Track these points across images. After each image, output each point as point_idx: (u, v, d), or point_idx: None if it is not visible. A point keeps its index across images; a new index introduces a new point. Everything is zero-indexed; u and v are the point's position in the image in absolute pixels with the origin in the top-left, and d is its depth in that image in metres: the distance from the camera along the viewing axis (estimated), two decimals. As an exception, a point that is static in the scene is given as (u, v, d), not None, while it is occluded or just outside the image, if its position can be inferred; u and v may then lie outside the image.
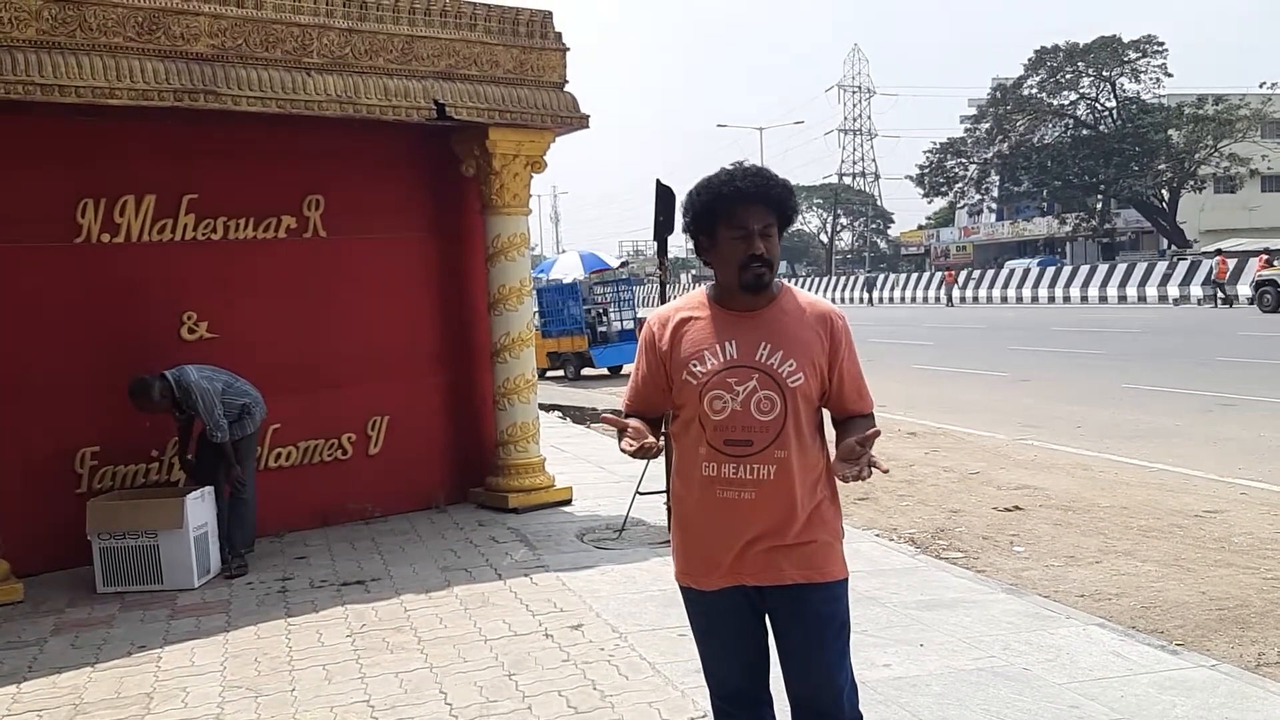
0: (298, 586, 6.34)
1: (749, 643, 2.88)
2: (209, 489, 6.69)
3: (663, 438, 6.80)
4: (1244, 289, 32.17)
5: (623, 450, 2.69)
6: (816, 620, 2.79)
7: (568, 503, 8.24)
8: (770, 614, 2.84)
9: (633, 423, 2.75)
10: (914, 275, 59.10)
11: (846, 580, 2.85)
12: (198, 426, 6.72)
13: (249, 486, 6.85)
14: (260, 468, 7.31)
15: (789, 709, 2.90)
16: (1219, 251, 34.81)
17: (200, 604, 6.09)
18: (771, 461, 2.70)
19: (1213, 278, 33.67)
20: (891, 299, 54.78)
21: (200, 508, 6.51)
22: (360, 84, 6.97)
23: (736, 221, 2.72)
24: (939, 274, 54.00)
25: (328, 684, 4.71)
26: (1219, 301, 32.84)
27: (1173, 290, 36.08)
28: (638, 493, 7.36)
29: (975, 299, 48.13)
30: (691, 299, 2.90)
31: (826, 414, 2.91)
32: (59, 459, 6.82)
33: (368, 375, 7.95)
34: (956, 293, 49.12)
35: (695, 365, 2.75)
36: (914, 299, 53.11)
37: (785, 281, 2.91)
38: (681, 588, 2.93)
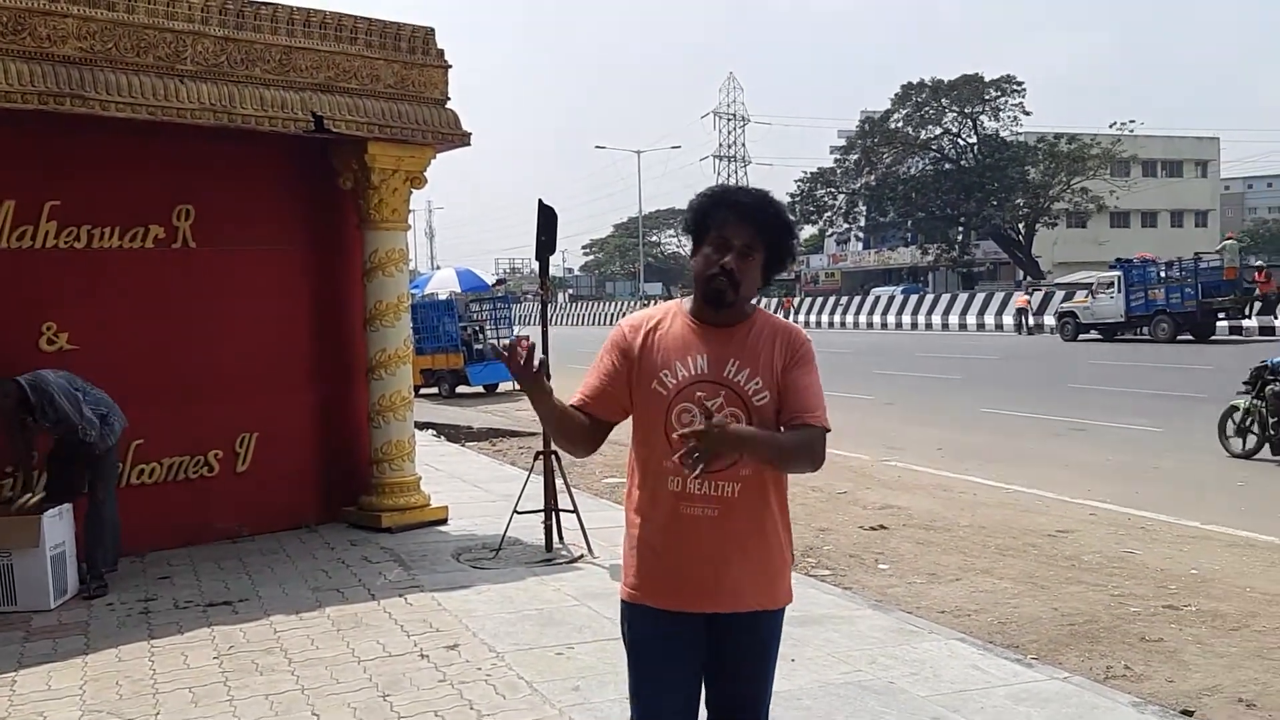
0: (161, 607, 6.13)
1: (688, 666, 2.81)
2: (67, 506, 6.43)
3: (546, 456, 6.73)
4: (1049, 319, 35.73)
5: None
6: (761, 644, 2.83)
7: (443, 522, 8.16)
8: (717, 636, 2.79)
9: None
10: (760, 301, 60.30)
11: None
12: (42, 445, 6.48)
13: (110, 504, 6.61)
14: (122, 484, 7.05)
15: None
16: (1030, 288, 40.64)
17: (57, 626, 5.83)
18: (736, 479, 2.69)
19: (1017, 307, 38.29)
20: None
21: (58, 525, 6.25)
22: (236, 93, 6.83)
23: (719, 231, 2.72)
24: (777, 299, 55.49)
25: (194, 707, 4.58)
26: (1023, 330, 36.90)
27: (1029, 319, 37.80)
28: (515, 512, 7.34)
29: (843, 324, 49.35)
30: (667, 308, 2.88)
31: None
32: (-97, 474, 6.48)
33: (237, 391, 7.74)
34: (796, 317, 50.70)
35: (665, 375, 2.73)
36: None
37: (760, 307, 2.91)
38: (629, 605, 2.83)
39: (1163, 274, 29.72)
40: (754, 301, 2.86)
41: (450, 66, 7.95)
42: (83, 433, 6.35)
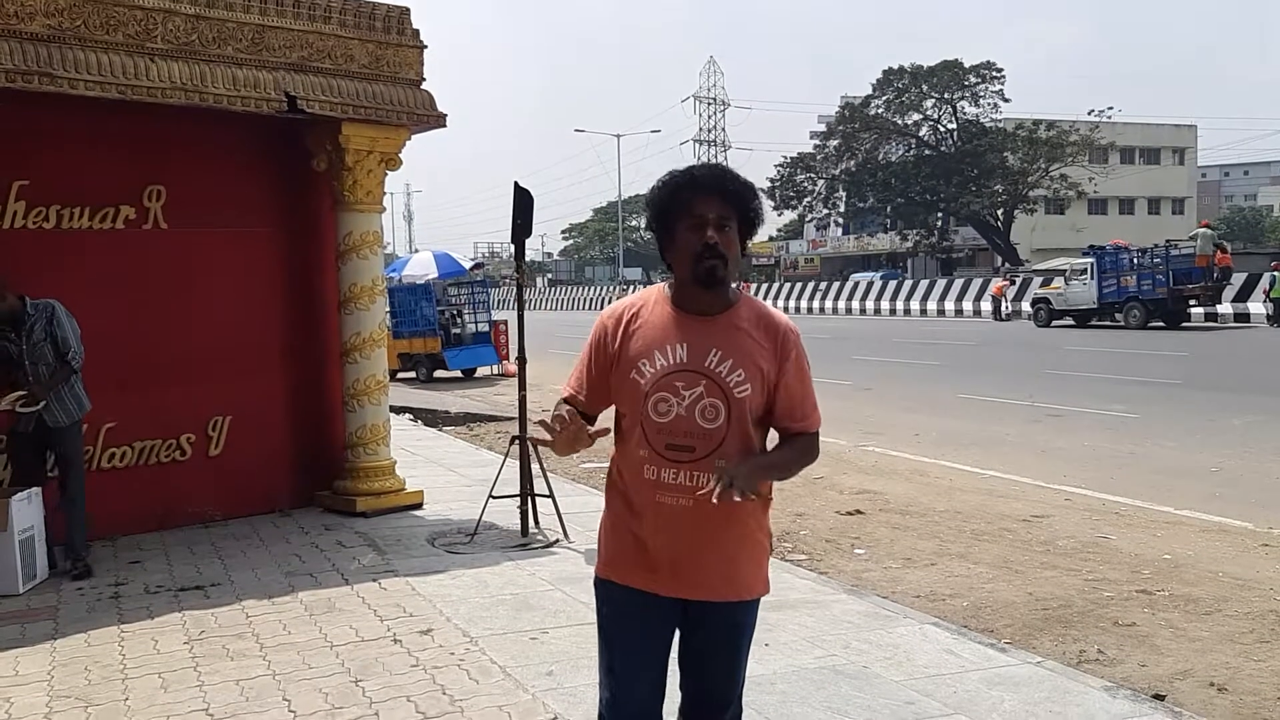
0: (132, 592, 6.07)
1: (658, 650, 2.83)
2: (36, 490, 6.36)
3: (522, 441, 6.69)
4: (1026, 305, 36.06)
5: (548, 426, 2.66)
6: (734, 631, 2.81)
7: (418, 507, 8.11)
8: (688, 623, 2.81)
9: (561, 410, 2.69)
10: None
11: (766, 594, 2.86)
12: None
13: (78, 485, 6.53)
14: (93, 468, 6.98)
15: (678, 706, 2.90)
16: (1009, 274, 42.18)
17: (26, 610, 5.77)
18: (712, 470, 2.63)
19: (992, 294, 39.04)
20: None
21: (26, 510, 6.17)
22: (207, 72, 6.74)
23: (692, 211, 2.67)
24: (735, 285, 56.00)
25: (163, 692, 4.53)
26: (997, 316, 37.64)
27: (1006, 306, 38.02)
28: (491, 496, 7.31)
29: (822, 310, 49.47)
30: (648, 295, 2.84)
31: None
32: None
33: (210, 374, 7.66)
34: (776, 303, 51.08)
35: (644, 364, 2.69)
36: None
37: (746, 292, 2.87)
38: (601, 581, 2.86)
39: (1135, 261, 29.91)
40: (735, 286, 2.80)
41: (425, 47, 7.87)
42: (72, 357, 6.35)
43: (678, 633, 2.85)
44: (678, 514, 2.69)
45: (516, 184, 7.20)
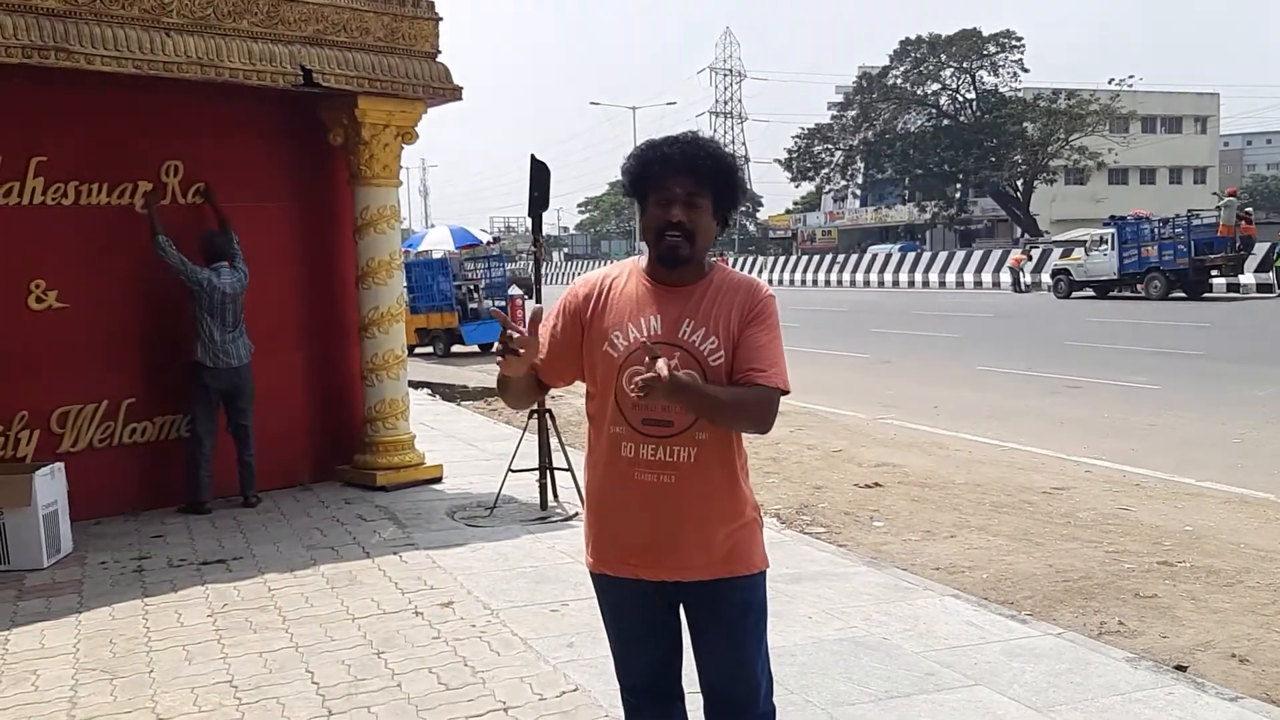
0: (155, 566, 6.12)
1: (662, 633, 2.75)
2: (59, 465, 6.41)
3: (540, 415, 6.70)
4: (1045, 277, 35.82)
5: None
6: (734, 610, 2.68)
7: (438, 480, 8.14)
8: (686, 604, 2.71)
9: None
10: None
11: (766, 570, 2.74)
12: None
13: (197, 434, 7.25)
14: (115, 443, 7.04)
15: (702, 704, 2.80)
16: (1029, 245, 41.97)
17: (50, 584, 5.83)
18: (692, 444, 2.57)
19: (1009, 266, 38.80)
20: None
21: (49, 485, 6.22)
22: (223, 46, 6.72)
23: (659, 187, 2.58)
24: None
25: (188, 664, 4.58)
26: (1015, 287, 37.24)
27: (1025, 277, 37.80)
28: (510, 470, 7.32)
29: (839, 283, 49.28)
30: (623, 266, 2.75)
31: None
32: (-107, 433, 6.44)
33: (230, 349, 7.69)
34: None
35: (617, 337, 2.60)
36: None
37: (722, 263, 2.77)
38: (593, 575, 2.78)
39: (1156, 231, 29.63)
40: (711, 259, 2.72)
41: (441, 19, 7.83)
42: (188, 279, 7.11)
43: (686, 623, 2.77)
44: (658, 491, 2.59)
45: (533, 156, 7.19)
